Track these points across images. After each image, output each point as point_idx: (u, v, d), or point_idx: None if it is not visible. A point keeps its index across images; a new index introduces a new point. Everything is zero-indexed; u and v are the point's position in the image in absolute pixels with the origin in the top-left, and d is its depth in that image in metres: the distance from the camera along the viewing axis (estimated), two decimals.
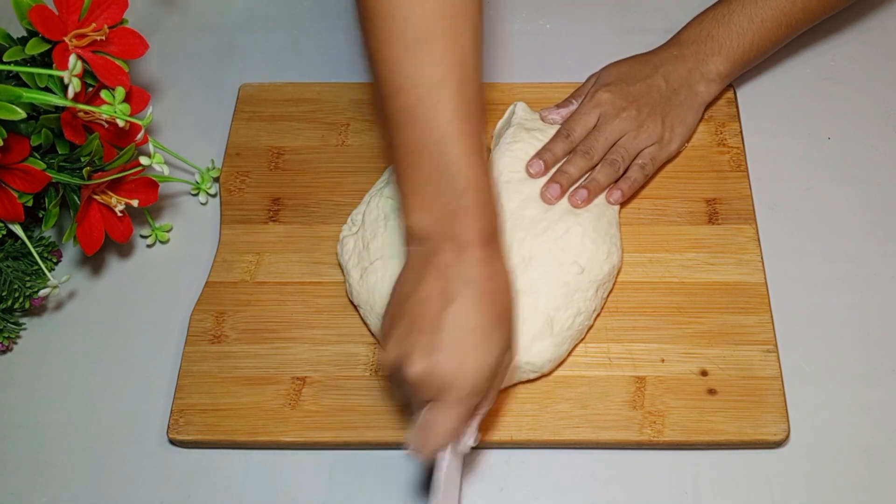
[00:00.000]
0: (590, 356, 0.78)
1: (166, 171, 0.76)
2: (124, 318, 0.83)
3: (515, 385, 0.77)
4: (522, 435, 0.74)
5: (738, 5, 0.87)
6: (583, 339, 0.78)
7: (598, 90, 0.85)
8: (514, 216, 0.79)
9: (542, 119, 0.86)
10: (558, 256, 0.76)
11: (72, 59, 0.69)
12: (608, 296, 0.80)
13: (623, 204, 0.84)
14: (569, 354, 0.77)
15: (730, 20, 0.86)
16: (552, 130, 0.84)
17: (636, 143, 0.83)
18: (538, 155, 0.82)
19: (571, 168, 0.81)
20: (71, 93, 0.69)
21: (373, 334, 0.79)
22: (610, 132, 0.82)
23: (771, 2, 0.86)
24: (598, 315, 0.79)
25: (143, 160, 0.74)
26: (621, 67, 0.87)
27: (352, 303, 0.80)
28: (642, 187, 0.85)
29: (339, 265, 0.81)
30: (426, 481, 0.72)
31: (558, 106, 0.87)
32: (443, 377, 0.62)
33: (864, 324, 0.81)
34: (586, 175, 0.82)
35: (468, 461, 0.74)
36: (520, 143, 0.82)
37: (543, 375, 0.77)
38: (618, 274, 0.80)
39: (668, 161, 0.87)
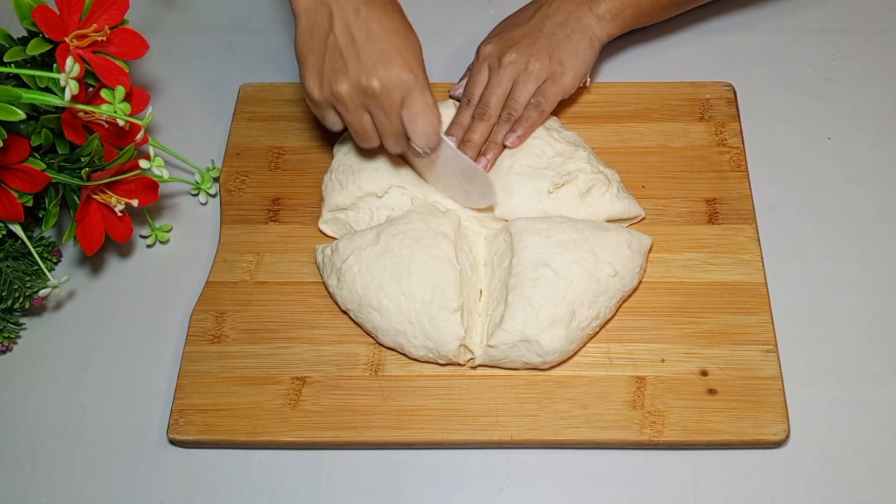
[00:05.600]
0: (590, 356, 0.78)
1: (166, 174, 0.76)
2: (124, 318, 0.83)
3: (517, 370, 0.77)
4: (522, 435, 0.74)
5: None
6: (585, 344, 0.78)
7: (482, 45, 0.86)
8: (524, 208, 0.81)
9: (451, 97, 0.88)
10: (595, 250, 0.77)
11: (69, 61, 0.69)
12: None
13: None
14: (572, 355, 0.77)
15: None
16: (568, 132, 0.86)
17: (527, 87, 0.83)
18: (448, 131, 0.83)
19: (474, 136, 0.82)
20: (68, 95, 0.69)
21: (369, 334, 0.79)
22: (499, 83, 0.83)
23: None
24: (604, 324, 0.79)
25: (143, 163, 0.74)
26: (504, 20, 0.89)
27: (343, 311, 0.80)
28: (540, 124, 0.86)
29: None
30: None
31: (460, 80, 0.89)
32: (398, 78, 0.71)
33: (864, 324, 0.81)
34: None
35: (465, 460, 0.75)
36: (538, 140, 0.83)
37: (542, 370, 0.77)
38: (629, 296, 0.81)
39: (566, 96, 0.86)
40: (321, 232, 0.85)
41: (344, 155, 0.85)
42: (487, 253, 0.81)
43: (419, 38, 0.75)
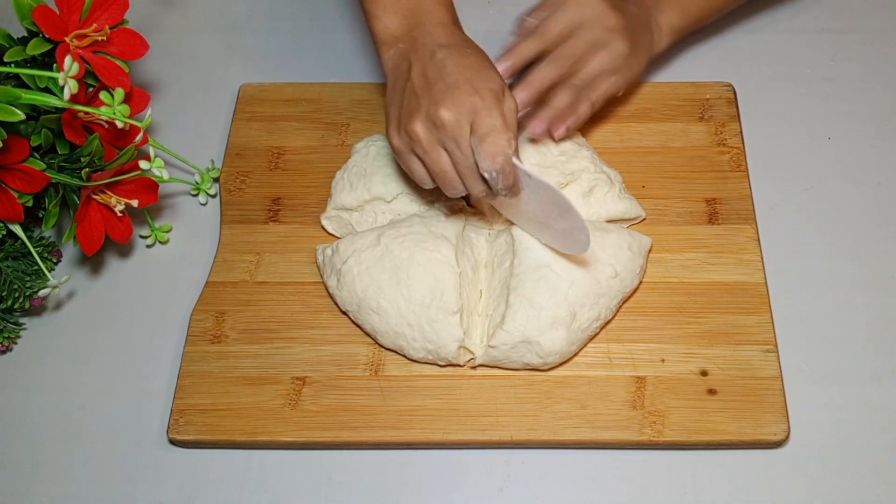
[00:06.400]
0: (590, 356, 0.78)
1: (165, 175, 0.76)
2: (124, 318, 0.83)
3: (517, 371, 0.77)
4: (522, 435, 0.74)
5: None
6: (585, 345, 0.78)
7: None
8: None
9: (519, 27, 0.80)
10: (595, 252, 0.77)
11: (67, 60, 0.69)
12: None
13: None
14: (572, 356, 0.77)
15: None
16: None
17: (608, 59, 0.78)
18: (506, 56, 0.78)
19: (537, 79, 0.77)
20: (67, 94, 0.69)
21: (368, 334, 0.79)
22: (588, 42, 0.77)
23: None
24: (604, 325, 0.79)
25: (143, 164, 0.74)
26: None
27: (342, 311, 0.80)
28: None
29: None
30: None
31: (533, 10, 0.80)
32: (463, 103, 0.67)
33: (864, 324, 0.81)
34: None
35: (466, 461, 0.75)
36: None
37: (543, 370, 0.77)
38: (629, 297, 0.80)
39: (610, 99, 0.83)
40: (322, 228, 0.85)
41: (360, 156, 0.84)
42: (488, 253, 0.81)
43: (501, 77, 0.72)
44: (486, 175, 0.68)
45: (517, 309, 0.75)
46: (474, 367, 0.77)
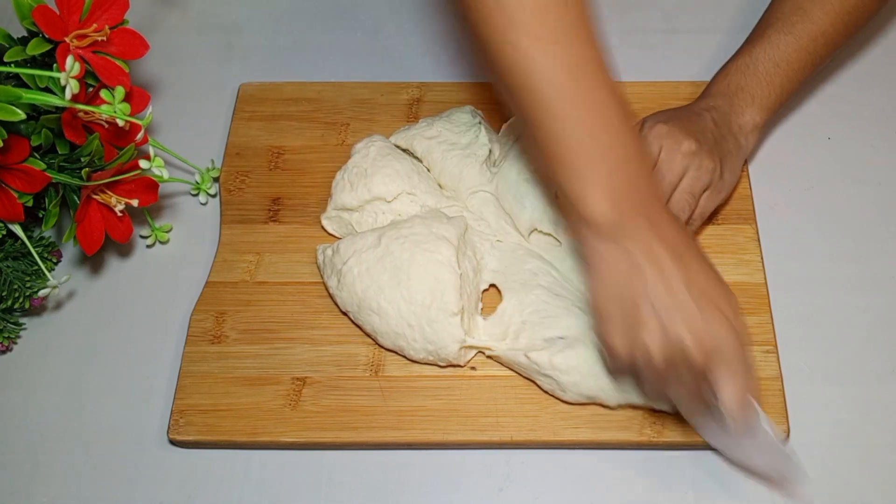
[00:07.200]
0: None
1: (166, 174, 0.76)
2: (124, 318, 0.83)
3: (523, 379, 0.77)
4: (522, 435, 0.74)
5: (761, 52, 0.83)
6: None
7: (655, 124, 0.78)
8: (538, 214, 0.80)
9: None
10: None
11: (69, 60, 0.69)
12: None
13: None
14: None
15: (756, 70, 0.82)
16: None
17: (700, 183, 0.77)
18: None
19: None
20: (69, 94, 0.69)
21: (368, 335, 0.79)
22: (673, 171, 0.76)
23: (793, 43, 0.82)
24: None
25: (143, 163, 0.74)
26: (666, 111, 0.81)
27: (343, 312, 0.80)
28: None
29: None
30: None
31: None
32: (715, 333, 0.62)
33: (864, 324, 0.81)
34: None
35: (468, 460, 0.75)
36: None
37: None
38: None
39: (706, 220, 0.82)
40: (322, 228, 0.85)
41: (360, 156, 0.84)
42: (510, 256, 0.80)
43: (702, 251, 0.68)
44: (724, 411, 0.64)
45: (580, 361, 0.73)
46: (474, 368, 0.77)
